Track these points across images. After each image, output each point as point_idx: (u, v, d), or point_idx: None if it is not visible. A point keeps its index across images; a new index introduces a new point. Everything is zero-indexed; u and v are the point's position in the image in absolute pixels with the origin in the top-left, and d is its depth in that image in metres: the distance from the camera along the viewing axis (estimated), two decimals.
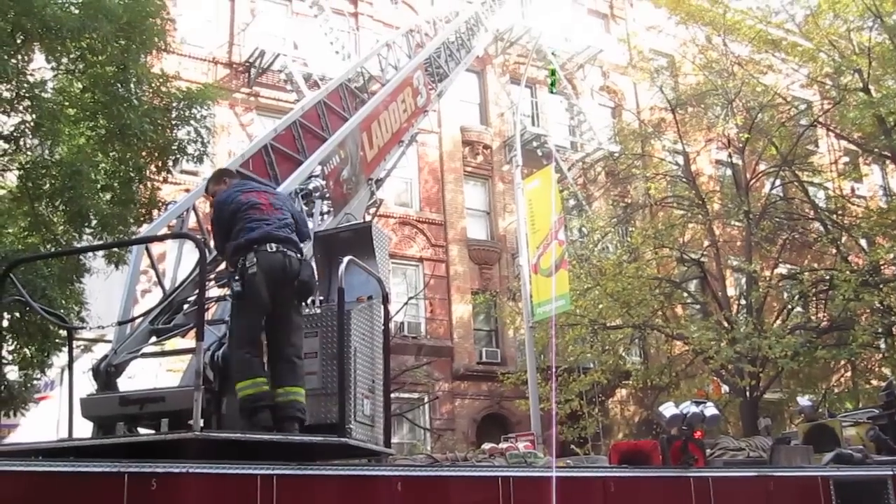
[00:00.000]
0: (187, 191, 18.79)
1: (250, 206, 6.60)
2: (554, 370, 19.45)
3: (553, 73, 28.99)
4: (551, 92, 24.78)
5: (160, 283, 8.01)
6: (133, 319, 6.63)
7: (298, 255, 6.53)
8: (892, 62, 23.82)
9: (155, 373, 11.05)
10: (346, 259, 6.44)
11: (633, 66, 29.39)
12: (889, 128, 23.46)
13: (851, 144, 29.04)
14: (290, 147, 9.59)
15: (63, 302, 13.10)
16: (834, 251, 25.31)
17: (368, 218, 11.11)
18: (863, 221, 26.31)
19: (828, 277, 24.18)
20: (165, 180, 16.55)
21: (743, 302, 25.43)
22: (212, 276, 8.04)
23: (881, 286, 21.87)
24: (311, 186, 8.53)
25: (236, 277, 6.31)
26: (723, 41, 26.71)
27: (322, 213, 8.82)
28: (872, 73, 24.01)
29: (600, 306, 22.99)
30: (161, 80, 15.68)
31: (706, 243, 26.14)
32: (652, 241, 24.69)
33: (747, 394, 22.27)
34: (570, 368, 23.57)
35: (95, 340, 13.41)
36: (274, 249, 6.36)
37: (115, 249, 14.33)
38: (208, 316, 7.12)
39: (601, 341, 23.69)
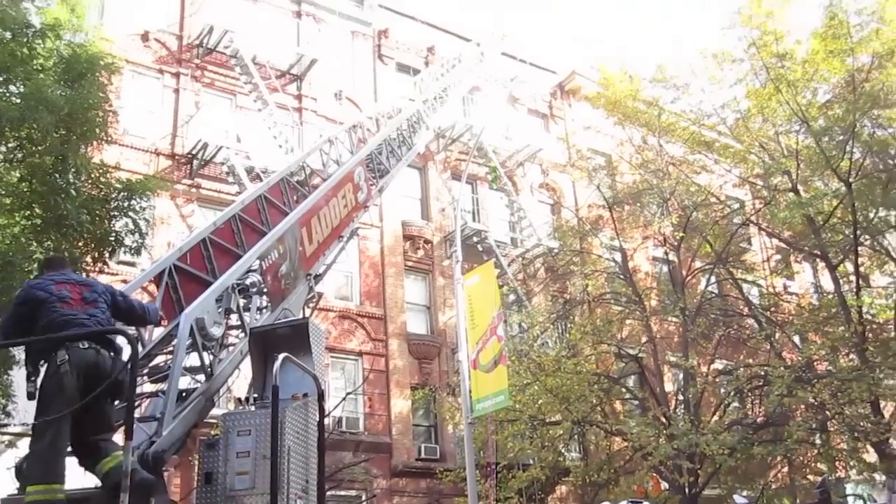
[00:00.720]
0: (124, 282, 18.59)
1: (60, 300, 6.44)
2: (493, 466, 19.24)
3: (494, 170, 29.60)
4: (492, 188, 25.16)
5: None
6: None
7: (111, 353, 6.38)
8: (819, 164, 24.68)
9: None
10: (281, 356, 6.39)
11: (572, 165, 30.05)
12: (818, 227, 24.19)
13: (782, 243, 29.81)
14: (229, 241, 9.57)
15: None
16: (768, 347, 25.76)
17: (307, 312, 11.06)
18: (795, 318, 26.89)
19: (762, 373, 24.52)
20: (101, 271, 16.31)
21: (681, 397, 25.64)
22: (144, 372, 7.91)
23: (814, 382, 22.23)
24: (248, 281, 8.50)
25: (43, 374, 6.13)
26: (658, 142, 27.51)
27: (259, 309, 8.77)
28: (801, 175, 24.87)
29: (539, 402, 22.94)
30: (101, 170, 15.59)
31: (644, 339, 26.40)
32: (590, 337, 24.87)
33: (686, 490, 22.26)
34: (510, 465, 23.36)
35: (21, 435, 12.99)
36: (86, 346, 6.21)
37: None
38: (138, 413, 6.97)
39: (540, 437, 23.55)
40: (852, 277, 24.50)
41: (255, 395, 7.17)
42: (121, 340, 6.47)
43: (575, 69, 35.49)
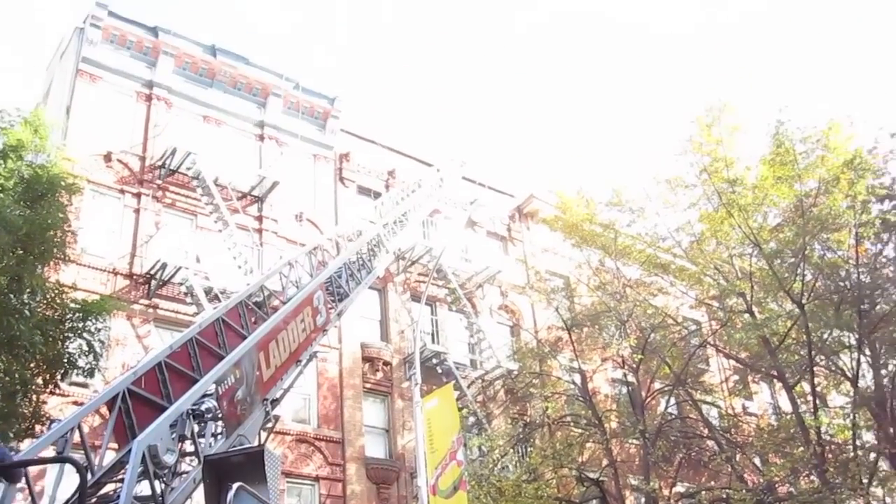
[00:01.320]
0: (76, 404, 18.19)
1: None
2: None
3: (454, 291, 29.74)
4: (451, 309, 25.23)
5: None
6: None
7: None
8: (773, 286, 25.15)
9: None
10: (235, 486, 6.26)
11: (531, 287, 30.32)
12: (773, 348, 24.46)
13: (739, 364, 30.04)
14: (185, 365, 9.46)
15: None
16: (729, 469, 25.63)
17: (263, 437, 10.87)
18: (755, 440, 26.88)
19: (724, 497, 24.32)
20: (52, 393, 15.98)
21: None
22: (93, 501, 7.68)
23: (778, 503, 22.07)
24: (203, 407, 8.36)
25: None
26: (615, 264, 27.93)
27: (214, 435, 8.61)
28: (755, 296, 25.29)
29: None
30: (56, 290, 15.47)
31: (605, 462, 26.17)
32: (551, 461, 24.60)
33: None
34: None
35: None
36: None
37: None
38: None
39: None
40: (809, 397, 24.68)
41: None
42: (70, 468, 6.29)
43: (533, 192, 36.21)
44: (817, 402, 24.79)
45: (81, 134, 26.13)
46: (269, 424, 10.79)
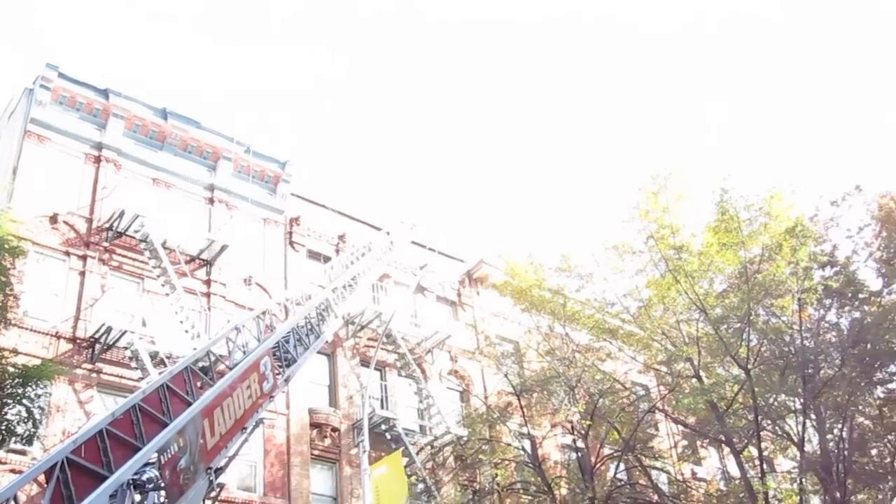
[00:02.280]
0: (13, 471, 17.66)
1: None
2: None
3: (403, 356, 29.59)
4: (401, 375, 25.05)
5: None
6: None
7: None
8: (719, 351, 25.46)
9: None
10: None
11: (480, 352, 30.32)
12: (721, 413, 24.65)
13: (688, 429, 30.19)
14: (127, 432, 9.25)
15: None
16: None
17: None
18: None
19: None
20: None
21: None
22: None
23: None
24: (144, 477, 8.17)
25: None
26: (564, 329, 28.07)
27: None
28: (702, 361, 25.57)
29: None
30: None
31: None
32: None
33: None
34: None
35: None
36: None
37: None
38: None
39: None
40: (757, 462, 24.85)
41: None
42: None
43: (483, 258, 36.40)
44: (765, 466, 24.99)
45: (27, 195, 25.79)
46: (213, 494, 10.57)
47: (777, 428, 26.58)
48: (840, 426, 24.99)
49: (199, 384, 11.11)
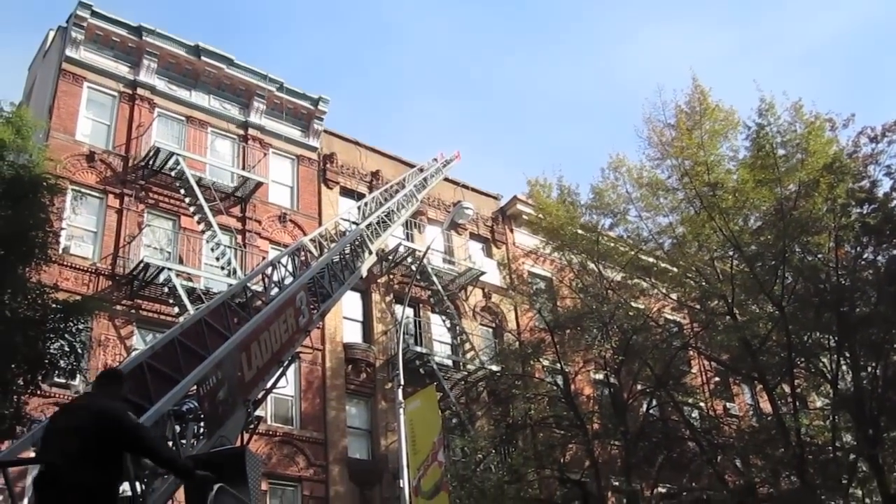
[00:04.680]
0: (57, 405, 18.13)
1: None
2: None
3: (437, 293, 29.79)
4: (435, 311, 25.22)
5: None
6: None
7: None
8: (753, 289, 25.34)
9: None
10: (216, 487, 6.27)
11: (513, 289, 30.38)
12: (754, 350, 24.62)
13: (721, 366, 30.19)
14: (167, 366, 9.44)
15: None
16: (710, 470, 25.77)
17: (246, 438, 10.88)
18: (736, 441, 27.02)
19: (705, 497, 24.46)
20: (34, 393, 15.90)
21: None
22: None
23: None
24: (184, 408, 8.35)
25: None
26: (597, 267, 28.03)
27: (195, 436, 8.61)
28: (736, 299, 25.46)
29: None
30: (38, 291, 15.41)
31: (586, 464, 26.26)
32: (533, 462, 24.67)
33: None
34: None
35: None
36: None
37: None
38: None
39: None
40: (790, 399, 24.86)
41: None
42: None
43: (516, 195, 36.29)
44: (797, 403, 24.99)
45: (64, 134, 26.09)
46: (251, 426, 10.80)
47: (810, 365, 26.49)
48: (874, 364, 24.85)
49: (235, 320, 11.27)
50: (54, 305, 15.37)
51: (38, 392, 16.07)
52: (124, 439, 6.11)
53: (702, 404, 31.94)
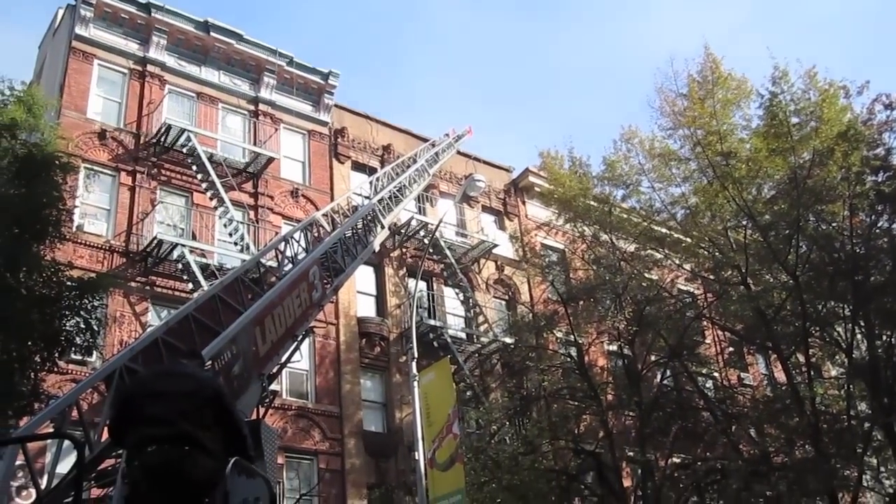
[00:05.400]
0: (74, 381, 18.29)
1: None
2: None
3: (450, 266, 29.82)
4: (448, 284, 25.23)
5: (35, 482, 7.69)
6: None
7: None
8: (767, 258, 25.22)
9: None
10: (232, 459, 6.30)
11: (526, 262, 30.34)
12: (768, 320, 24.53)
13: (735, 336, 30.11)
14: (182, 341, 9.51)
15: None
16: (725, 440, 25.79)
17: (261, 412, 10.97)
18: (750, 411, 27.01)
19: (720, 467, 24.50)
20: (50, 371, 16.02)
21: (640, 493, 25.45)
22: (91, 476, 7.76)
23: (771, 475, 22.22)
24: None
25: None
26: (610, 238, 27.95)
27: None
28: (750, 268, 25.34)
29: (498, 500, 22.64)
30: (52, 269, 15.48)
31: (601, 434, 26.30)
32: (547, 434, 24.74)
33: None
34: None
35: None
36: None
37: None
38: None
39: None
40: (804, 369, 24.80)
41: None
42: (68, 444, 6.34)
43: (528, 167, 36.18)
44: (812, 373, 24.93)
45: (75, 112, 26.13)
46: (267, 400, 10.88)
47: (825, 334, 26.39)
48: (889, 333, 24.74)
49: (249, 296, 11.34)
50: (69, 283, 15.44)
51: (55, 369, 16.15)
52: (224, 414, 6.18)
53: (716, 374, 31.86)
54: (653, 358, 27.54)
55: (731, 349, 33.36)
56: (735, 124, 26.57)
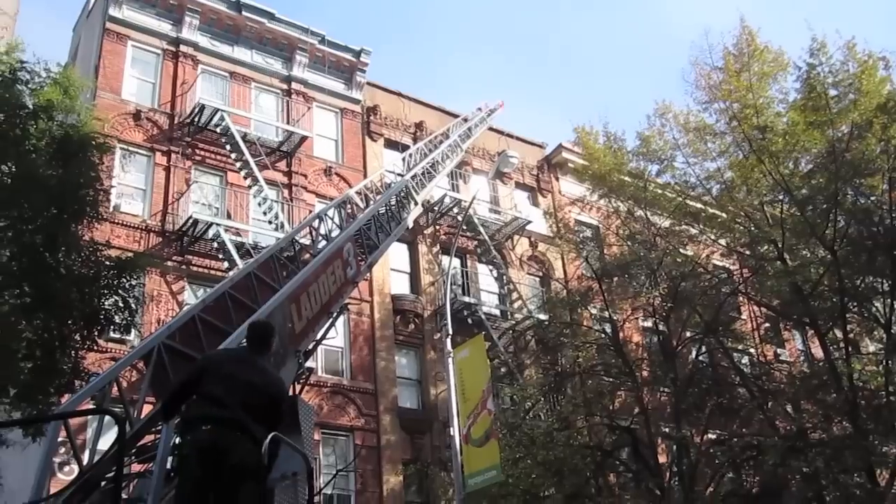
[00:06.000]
0: (113, 359, 18.54)
1: None
2: None
3: (483, 243, 29.77)
4: (481, 261, 25.21)
5: (77, 458, 7.81)
6: (45, 499, 6.40)
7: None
8: (804, 233, 24.92)
9: None
10: (269, 435, 6.37)
11: (560, 238, 30.24)
12: (805, 295, 24.27)
13: (771, 311, 29.84)
14: (218, 319, 9.61)
15: None
16: (761, 416, 25.62)
17: (297, 388, 11.06)
18: (787, 387, 26.79)
19: (756, 443, 24.36)
20: (90, 349, 16.25)
21: (675, 469, 25.39)
22: (132, 452, 7.87)
23: (808, 451, 22.07)
24: None
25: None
26: (645, 213, 27.74)
27: None
28: (787, 243, 25.05)
29: (532, 476, 22.71)
30: (90, 248, 15.66)
31: (636, 411, 26.23)
32: (582, 410, 24.72)
33: None
34: None
35: None
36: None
37: None
38: (125, 495, 6.91)
39: None
40: (842, 344, 24.53)
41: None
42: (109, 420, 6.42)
43: (562, 143, 35.97)
44: (849, 348, 24.64)
45: (110, 93, 26.36)
46: (303, 376, 10.96)
47: (863, 310, 26.06)
48: None
49: (284, 273, 11.41)
50: (107, 262, 15.60)
51: (95, 347, 16.37)
52: (280, 413, 6.36)
53: (752, 350, 31.62)
54: (688, 334, 27.35)
55: (767, 325, 33.07)
56: (772, 97, 26.19)
